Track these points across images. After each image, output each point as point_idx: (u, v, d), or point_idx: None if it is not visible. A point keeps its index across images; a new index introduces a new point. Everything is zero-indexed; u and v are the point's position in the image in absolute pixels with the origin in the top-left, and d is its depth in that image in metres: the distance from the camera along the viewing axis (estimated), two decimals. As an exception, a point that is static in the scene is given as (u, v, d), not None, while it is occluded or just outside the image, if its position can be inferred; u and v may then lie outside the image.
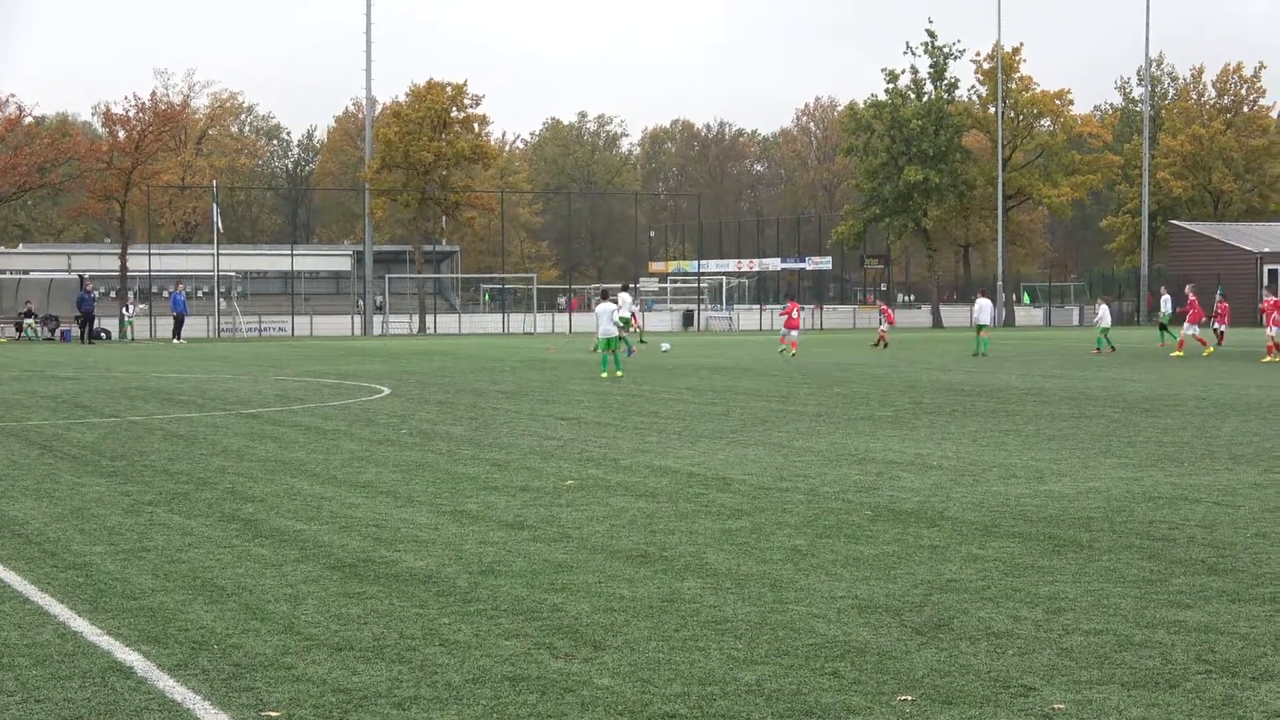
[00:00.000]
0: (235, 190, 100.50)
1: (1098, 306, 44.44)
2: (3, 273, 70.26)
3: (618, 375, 29.33)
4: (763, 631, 7.46)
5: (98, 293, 62.88)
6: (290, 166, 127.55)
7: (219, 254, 68.65)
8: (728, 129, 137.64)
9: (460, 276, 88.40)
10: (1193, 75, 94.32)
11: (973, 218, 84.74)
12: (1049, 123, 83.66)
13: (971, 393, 24.54)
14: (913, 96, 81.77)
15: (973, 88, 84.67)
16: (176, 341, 55.30)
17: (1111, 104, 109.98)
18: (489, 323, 75.07)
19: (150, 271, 69.52)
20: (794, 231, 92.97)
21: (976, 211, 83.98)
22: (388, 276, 74.65)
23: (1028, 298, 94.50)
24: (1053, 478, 13.32)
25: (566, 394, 24.86)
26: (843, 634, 7.40)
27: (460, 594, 8.44)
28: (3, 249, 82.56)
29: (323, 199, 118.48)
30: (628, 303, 42.73)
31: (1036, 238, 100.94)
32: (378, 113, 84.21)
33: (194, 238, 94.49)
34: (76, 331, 57.11)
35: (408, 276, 76.89)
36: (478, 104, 73.14)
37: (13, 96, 68.17)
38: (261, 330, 68.22)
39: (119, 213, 65.96)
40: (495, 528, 10.78)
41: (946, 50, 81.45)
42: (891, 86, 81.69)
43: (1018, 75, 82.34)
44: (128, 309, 62.46)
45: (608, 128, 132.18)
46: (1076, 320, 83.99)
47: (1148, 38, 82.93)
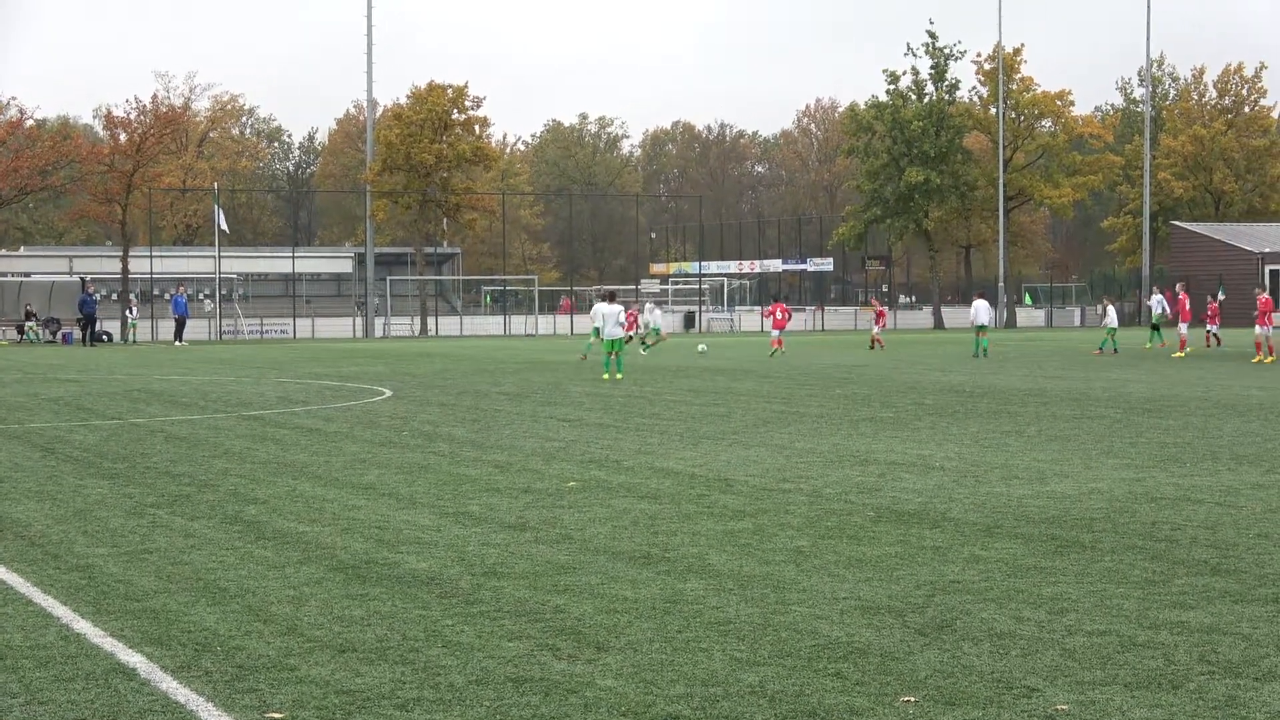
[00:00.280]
0: (236, 193, 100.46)
1: (1105, 307, 44.48)
2: (4, 275, 70.22)
3: (618, 377, 29.40)
4: (765, 633, 7.46)
5: (99, 295, 62.90)
6: (291, 169, 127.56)
7: (220, 256, 68.70)
8: (728, 130, 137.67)
9: (461, 278, 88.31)
10: (1194, 76, 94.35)
11: (974, 219, 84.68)
12: (1050, 123, 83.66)
13: (973, 394, 24.54)
14: (914, 97, 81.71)
15: (974, 88, 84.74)
16: (178, 344, 55.36)
17: (1112, 104, 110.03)
18: (490, 324, 75.01)
19: (152, 274, 69.58)
20: (795, 233, 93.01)
21: (978, 212, 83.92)
22: (389, 278, 74.56)
23: (1029, 299, 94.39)
24: (1055, 479, 13.31)
25: (568, 396, 24.88)
26: (845, 635, 7.40)
27: (463, 596, 8.44)
28: (4, 251, 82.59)
29: (324, 201, 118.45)
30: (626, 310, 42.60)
31: (1038, 239, 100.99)
32: (379, 115, 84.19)
33: (195, 240, 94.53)
34: (78, 334, 57.14)
35: (409, 278, 76.81)
36: (478, 106, 73.14)
37: (14, 99, 68.33)
38: (263, 332, 68.21)
39: (120, 215, 65.93)
40: (498, 529, 10.78)
41: (947, 51, 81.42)
42: (892, 87, 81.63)
43: (1019, 76, 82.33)
44: (131, 311, 62.48)
45: (608, 129, 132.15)
46: (1078, 321, 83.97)
47: (1148, 38, 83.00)
